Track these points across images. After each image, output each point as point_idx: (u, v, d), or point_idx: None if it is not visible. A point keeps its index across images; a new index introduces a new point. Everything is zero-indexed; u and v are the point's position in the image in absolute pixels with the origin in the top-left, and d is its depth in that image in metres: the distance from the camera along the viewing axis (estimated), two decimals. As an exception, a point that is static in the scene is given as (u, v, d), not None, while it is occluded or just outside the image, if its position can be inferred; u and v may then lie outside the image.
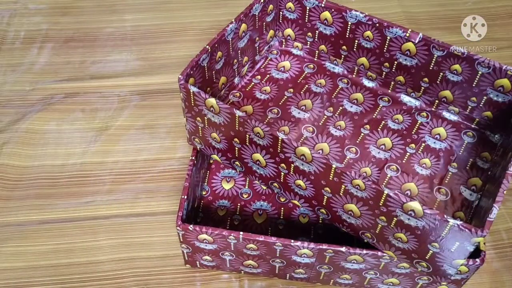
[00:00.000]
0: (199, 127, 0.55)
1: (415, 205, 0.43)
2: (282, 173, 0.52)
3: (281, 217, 0.63)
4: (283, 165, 0.51)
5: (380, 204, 0.46)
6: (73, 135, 0.74)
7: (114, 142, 0.73)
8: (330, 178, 0.47)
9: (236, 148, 0.54)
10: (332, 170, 0.46)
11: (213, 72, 0.59)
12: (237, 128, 0.51)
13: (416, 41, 0.58)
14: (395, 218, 0.46)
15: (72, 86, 0.80)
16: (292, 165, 0.50)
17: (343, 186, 0.47)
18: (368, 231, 0.50)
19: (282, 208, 0.64)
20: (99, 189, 0.68)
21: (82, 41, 0.88)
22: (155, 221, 0.65)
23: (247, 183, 0.65)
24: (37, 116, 0.76)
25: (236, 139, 0.52)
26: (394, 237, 0.48)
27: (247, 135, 0.51)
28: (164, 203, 0.67)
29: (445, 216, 0.42)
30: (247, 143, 0.52)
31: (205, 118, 0.53)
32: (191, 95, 0.52)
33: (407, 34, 0.58)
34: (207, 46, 0.55)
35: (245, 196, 0.65)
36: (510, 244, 0.63)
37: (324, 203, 0.51)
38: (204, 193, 0.66)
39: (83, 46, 0.87)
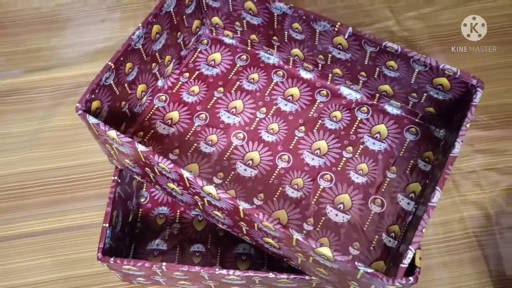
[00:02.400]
0: (112, 153, 0.51)
1: (326, 251, 0.40)
2: (199, 203, 0.48)
3: (222, 223, 0.61)
4: (197, 197, 0.47)
5: (294, 244, 0.42)
6: (2, 141, 0.70)
7: (49, 147, 0.69)
8: (242, 217, 0.44)
9: (151, 176, 0.50)
10: (241, 211, 0.43)
11: (125, 84, 0.53)
12: (144, 161, 0.47)
13: (346, 36, 0.52)
14: (311, 257, 0.43)
15: (1, 83, 0.75)
16: (204, 199, 0.46)
17: (255, 224, 0.44)
18: (291, 260, 0.47)
19: (222, 214, 0.61)
20: (32, 202, 0.65)
21: (10, 27, 0.81)
22: (91, 234, 0.62)
23: (183, 190, 0.62)
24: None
25: (147, 169, 0.48)
26: (316, 270, 0.45)
27: (155, 168, 0.46)
28: (101, 212, 0.63)
29: (356, 263, 0.39)
30: (158, 174, 0.48)
31: (113, 146, 0.49)
32: (92, 126, 0.47)
33: (336, 28, 0.52)
34: (109, 63, 0.50)
35: (184, 201, 0.62)
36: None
37: (244, 232, 0.48)
38: (142, 200, 0.63)
39: (11, 33, 0.80)
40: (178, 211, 0.62)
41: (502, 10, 0.78)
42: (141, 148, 0.45)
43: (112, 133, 0.46)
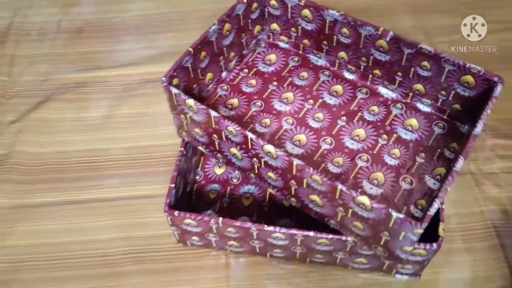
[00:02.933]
0: (184, 123, 0.61)
1: (364, 200, 0.48)
2: (256, 166, 0.57)
3: (267, 200, 0.69)
4: (255, 159, 0.56)
5: (336, 197, 0.51)
6: (81, 123, 0.81)
7: (119, 130, 0.80)
8: (294, 173, 0.53)
9: (216, 143, 0.59)
10: (294, 166, 0.52)
11: (198, 70, 0.64)
12: (214, 126, 0.56)
13: (388, 39, 0.61)
14: (350, 209, 0.51)
15: (82, 76, 0.87)
16: (262, 160, 0.55)
17: (304, 180, 0.52)
18: (332, 218, 0.55)
19: (268, 192, 0.69)
20: (104, 174, 0.75)
21: (91, 32, 0.94)
22: (153, 203, 0.71)
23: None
24: (50, 105, 0.83)
25: (214, 135, 0.58)
26: (353, 225, 0.53)
27: (223, 132, 0.56)
28: (161, 186, 0.73)
29: (390, 210, 0.47)
30: (224, 139, 0.57)
31: (187, 116, 0.59)
32: (174, 96, 0.57)
33: (379, 32, 0.62)
34: (190, 48, 0.60)
35: (234, 180, 0.71)
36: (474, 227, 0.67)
37: (293, 193, 0.57)
38: (197, 177, 0.72)
39: (92, 36, 0.93)
40: (228, 188, 0.71)
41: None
42: (214, 113, 0.55)
43: (190, 101, 0.56)
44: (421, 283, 0.63)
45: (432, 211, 0.47)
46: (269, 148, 0.52)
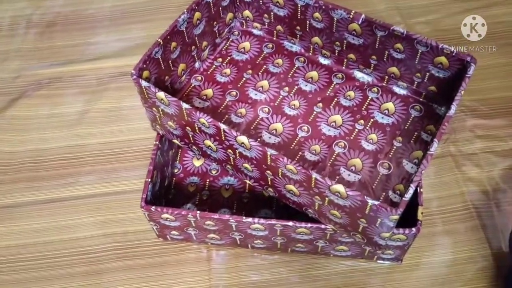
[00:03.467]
0: (157, 116, 0.60)
1: (339, 187, 0.48)
2: (231, 157, 0.56)
3: (246, 191, 0.68)
4: (230, 150, 0.55)
5: (312, 186, 0.50)
6: (57, 119, 0.79)
7: (95, 125, 0.78)
8: (268, 163, 0.52)
9: (190, 135, 0.58)
10: (268, 156, 0.51)
11: (170, 61, 0.62)
12: (186, 118, 0.55)
13: (360, 22, 0.60)
14: (326, 198, 0.50)
15: (55, 71, 0.85)
16: (236, 151, 0.54)
17: (279, 170, 0.52)
18: (310, 207, 0.55)
19: (247, 183, 0.69)
20: (81, 170, 0.73)
21: (63, 25, 0.92)
22: (131, 199, 0.70)
23: (213, 160, 0.70)
24: (23, 102, 0.81)
25: (188, 127, 0.57)
26: (330, 213, 0.53)
27: (196, 125, 0.55)
28: (139, 181, 0.72)
29: (365, 197, 0.47)
30: (197, 131, 0.56)
31: (159, 109, 0.57)
32: (144, 89, 0.56)
33: (351, 16, 0.60)
34: (159, 39, 0.59)
35: (213, 172, 0.70)
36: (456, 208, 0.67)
37: (269, 183, 0.56)
38: (176, 171, 0.71)
39: (65, 30, 0.91)
40: (208, 180, 0.70)
41: (505, 16, 0.86)
42: (185, 105, 0.53)
43: (161, 94, 0.54)
44: (403, 267, 0.63)
45: (407, 196, 0.47)
46: (242, 138, 0.51)
